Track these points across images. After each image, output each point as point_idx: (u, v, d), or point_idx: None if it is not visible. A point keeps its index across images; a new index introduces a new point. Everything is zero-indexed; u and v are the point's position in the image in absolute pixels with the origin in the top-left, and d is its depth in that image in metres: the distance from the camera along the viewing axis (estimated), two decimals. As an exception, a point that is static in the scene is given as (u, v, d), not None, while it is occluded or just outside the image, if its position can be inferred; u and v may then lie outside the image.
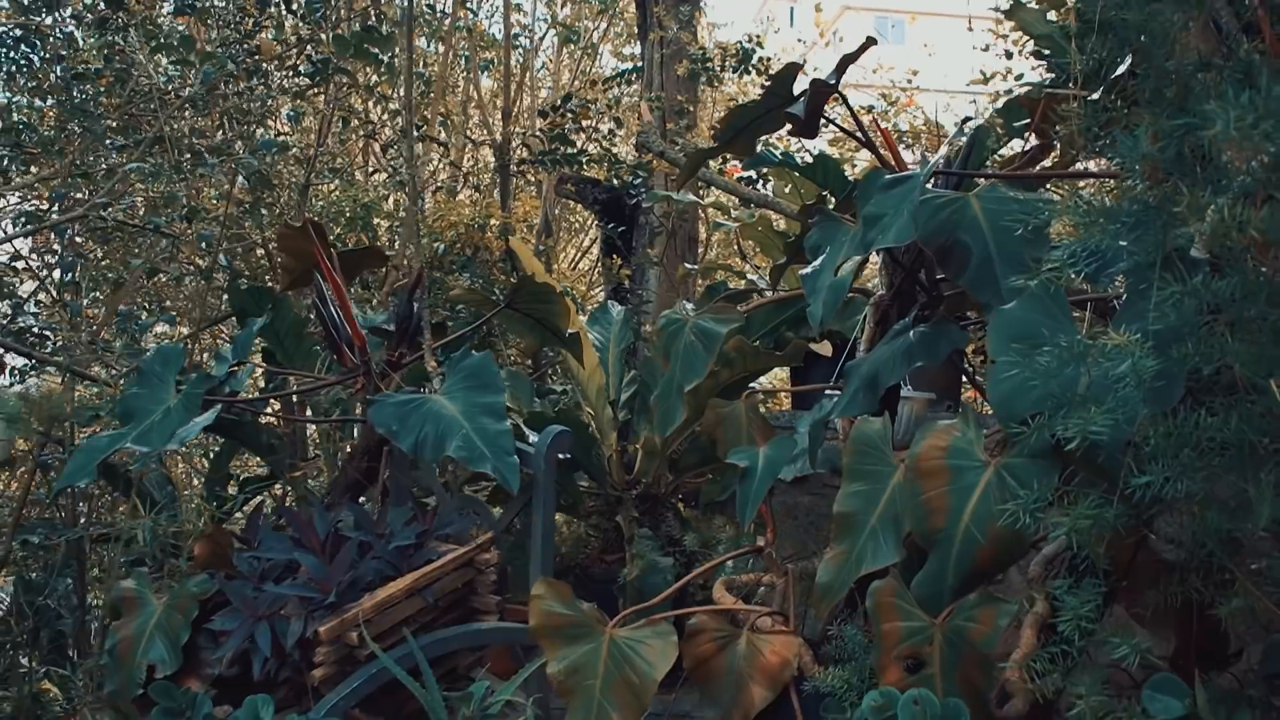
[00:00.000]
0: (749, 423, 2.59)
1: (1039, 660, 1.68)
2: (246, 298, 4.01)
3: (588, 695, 2.06)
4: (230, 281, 4.07)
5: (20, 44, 4.41)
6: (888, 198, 2.14)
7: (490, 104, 6.47)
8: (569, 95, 4.85)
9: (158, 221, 3.85)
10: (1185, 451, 1.44)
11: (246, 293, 4.02)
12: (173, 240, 4.54)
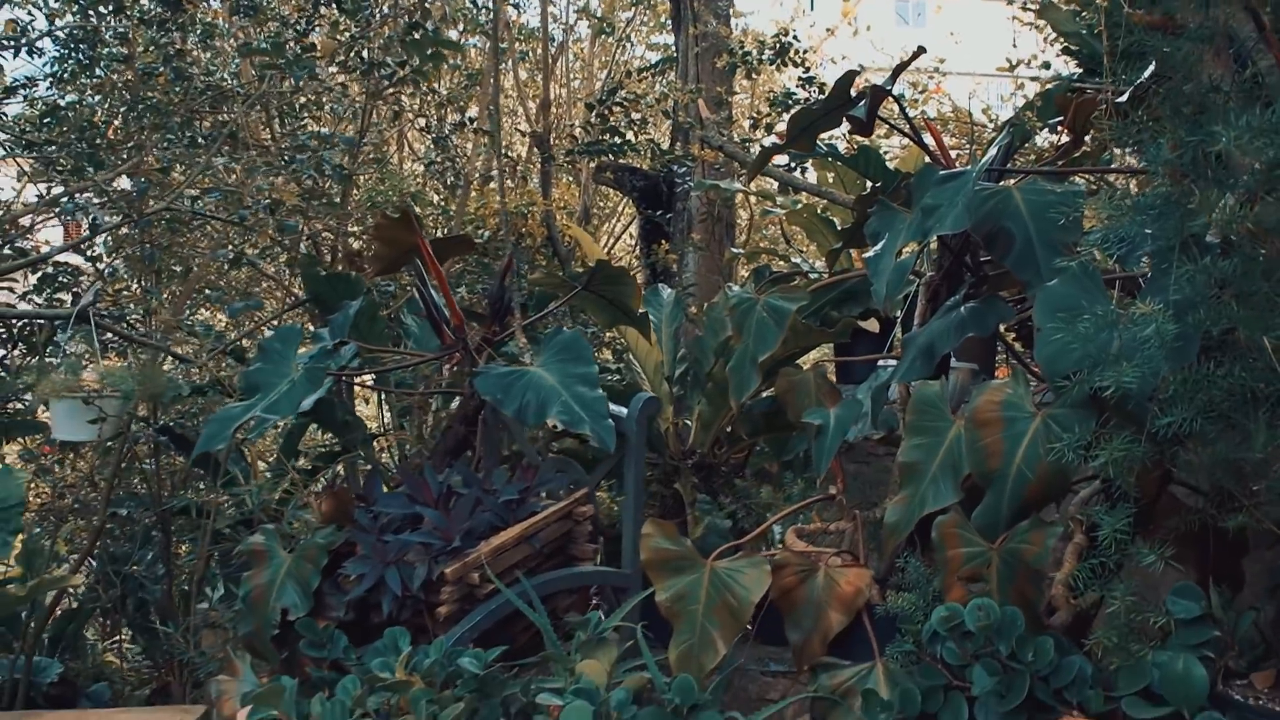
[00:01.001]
0: (818, 388, 3.02)
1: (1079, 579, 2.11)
2: (322, 283, 4.44)
3: (691, 618, 2.50)
4: (306, 268, 4.49)
5: (81, 44, 4.82)
6: (943, 191, 2.56)
7: (529, 95, 6.89)
8: (616, 87, 5.27)
9: (244, 214, 4.28)
10: (1199, 397, 1.86)
11: (323, 279, 4.45)
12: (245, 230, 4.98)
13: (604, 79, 7.12)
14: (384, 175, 5.09)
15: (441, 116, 6.16)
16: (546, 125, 6.50)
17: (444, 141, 5.86)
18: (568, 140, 5.79)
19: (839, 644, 2.55)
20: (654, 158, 5.66)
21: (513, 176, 6.43)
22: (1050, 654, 2.06)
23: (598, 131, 5.31)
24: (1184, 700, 1.94)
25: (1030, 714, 2.08)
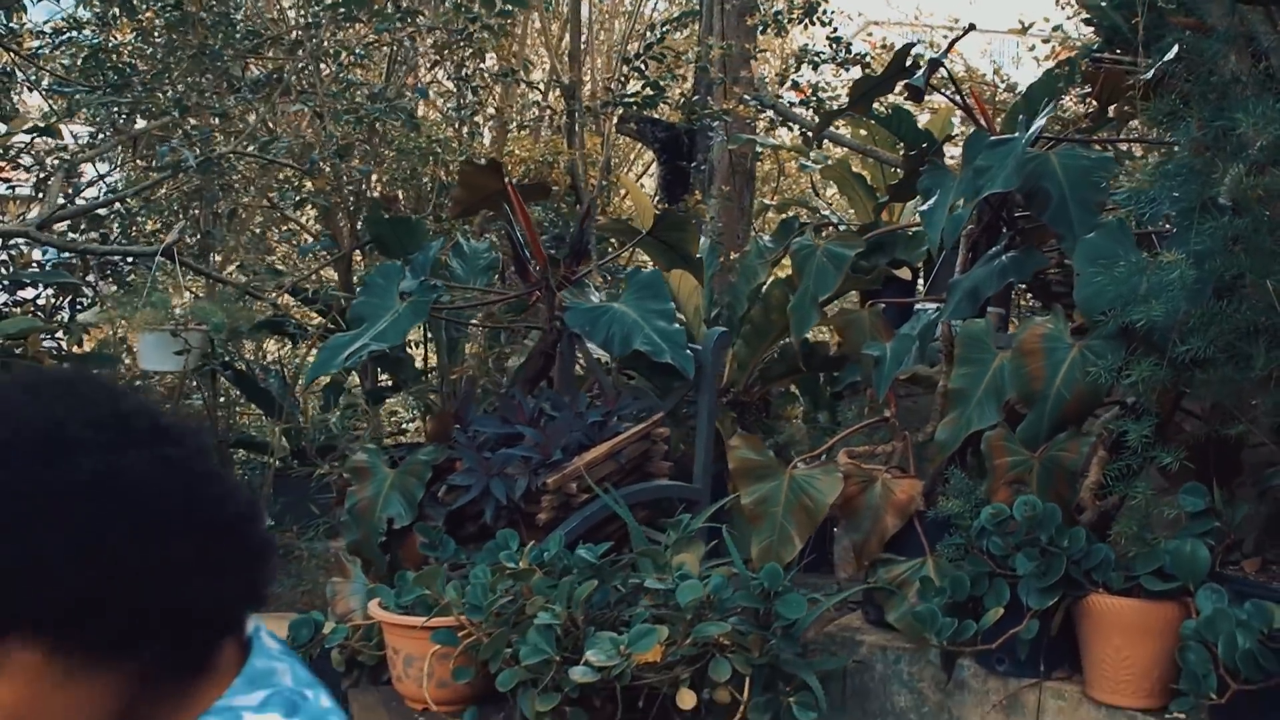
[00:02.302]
0: (872, 325, 3.56)
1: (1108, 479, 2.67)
2: (385, 226, 4.93)
3: (772, 518, 3.05)
4: (371, 211, 4.98)
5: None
6: (994, 154, 3.09)
7: (557, 49, 7.35)
8: (654, 41, 5.74)
9: (315, 158, 4.76)
10: (1212, 329, 2.41)
11: (386, 222, 4.95)
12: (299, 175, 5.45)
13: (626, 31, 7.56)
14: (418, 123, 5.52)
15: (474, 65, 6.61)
16: (576, 76, 6.97)
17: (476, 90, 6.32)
18: (603, 92, 6.26)
19: (893, 545, 3.11)
20: (687, 111, 6.14)
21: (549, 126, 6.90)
22: (1082, 541, 2.62)
23: (634, 84, 5.79)
24: (1190, 576, 2.50)
25: (1065, 591, 2.64)
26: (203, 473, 1.02)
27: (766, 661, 2.75)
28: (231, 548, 1.01)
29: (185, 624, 0.96)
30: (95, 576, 0.88)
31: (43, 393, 0.97)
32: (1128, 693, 2.60)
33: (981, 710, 2.86)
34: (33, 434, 0.90)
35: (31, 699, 0.90)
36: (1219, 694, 2.35)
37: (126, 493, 0.91)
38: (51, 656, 0.89)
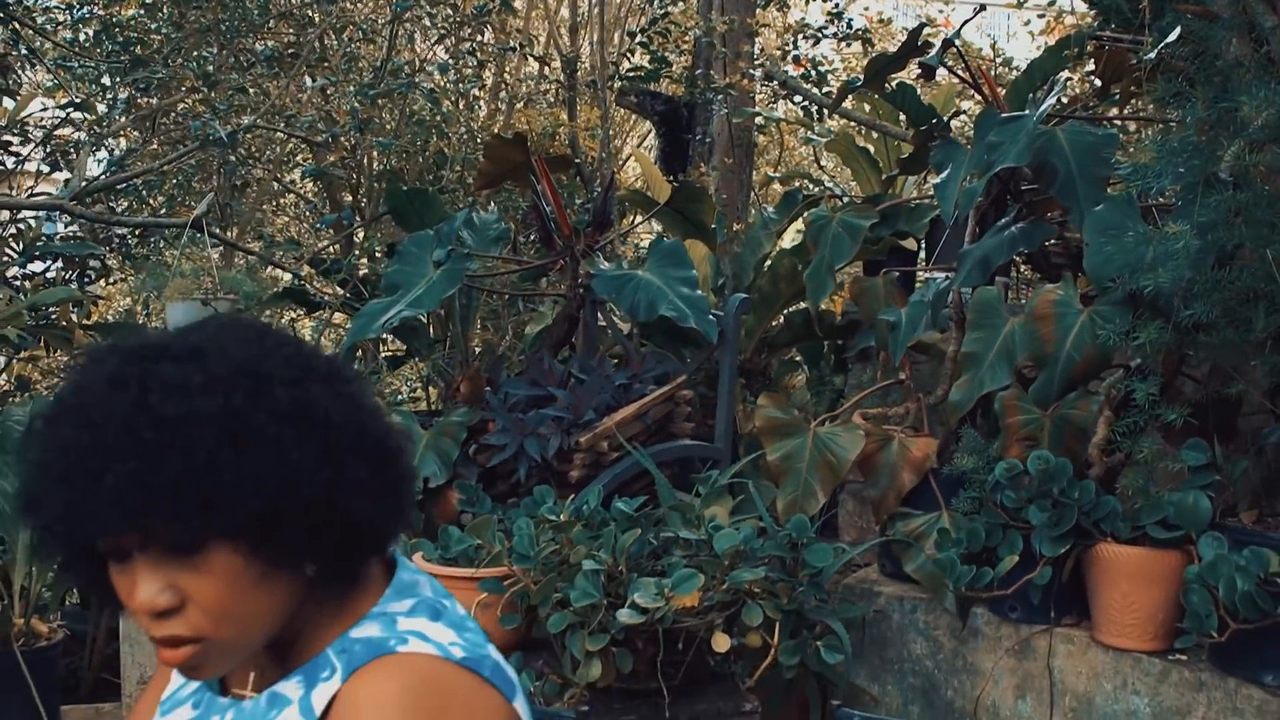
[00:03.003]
0: (886, 292, 3.77)
1: (1116, 435, 2.88)
2: (402, 198, 5.10)
3: (797, 474, 3.25)
4: (389, 184, 5.14)
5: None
6: (1005, 130, 3.29)
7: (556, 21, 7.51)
8: (660, 15, 5.91)
9: (336, 132, 4.91)
10: (1214, 295, 2.62)
11: (404, 193, 5.11)
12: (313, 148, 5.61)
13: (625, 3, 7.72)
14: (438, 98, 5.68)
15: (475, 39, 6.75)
16: (575, 49, 7.13)
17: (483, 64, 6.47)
18: (604, 66, 6.42)
19: (909, 500, 3.32)
20: (689, 85, 6.32)
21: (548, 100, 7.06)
22: (1091, 494, 2.83)
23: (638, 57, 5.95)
24: (1192, 525, 2.72)
25: (1075, 540, 2.86)
26: (369, 407, 1.22)
27: (794, 608, 2.96)
28: (390, 475, 1.21)
29: (352, 538, 1.16)
30: (285, 492, 1.07)
31: (243, 336, 1.16)
32: (1134, 636, 2.82)
33: (994, 655, 3.08)
34: (240, 370, 1.08)
35: (231, 596, 1.09)
36: (1219, 633, 2.57)
37: (314, 421, 1.10)
38: (248, 561, 1.08)
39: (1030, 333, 3.04)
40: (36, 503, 1.07)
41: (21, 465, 1.10)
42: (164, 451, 1.00)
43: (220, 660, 1.12)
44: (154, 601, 1.06)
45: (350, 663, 1.13)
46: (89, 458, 1.01)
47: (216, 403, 1.03)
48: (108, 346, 1.11)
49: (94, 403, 1.04)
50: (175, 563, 1.06)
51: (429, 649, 1.13)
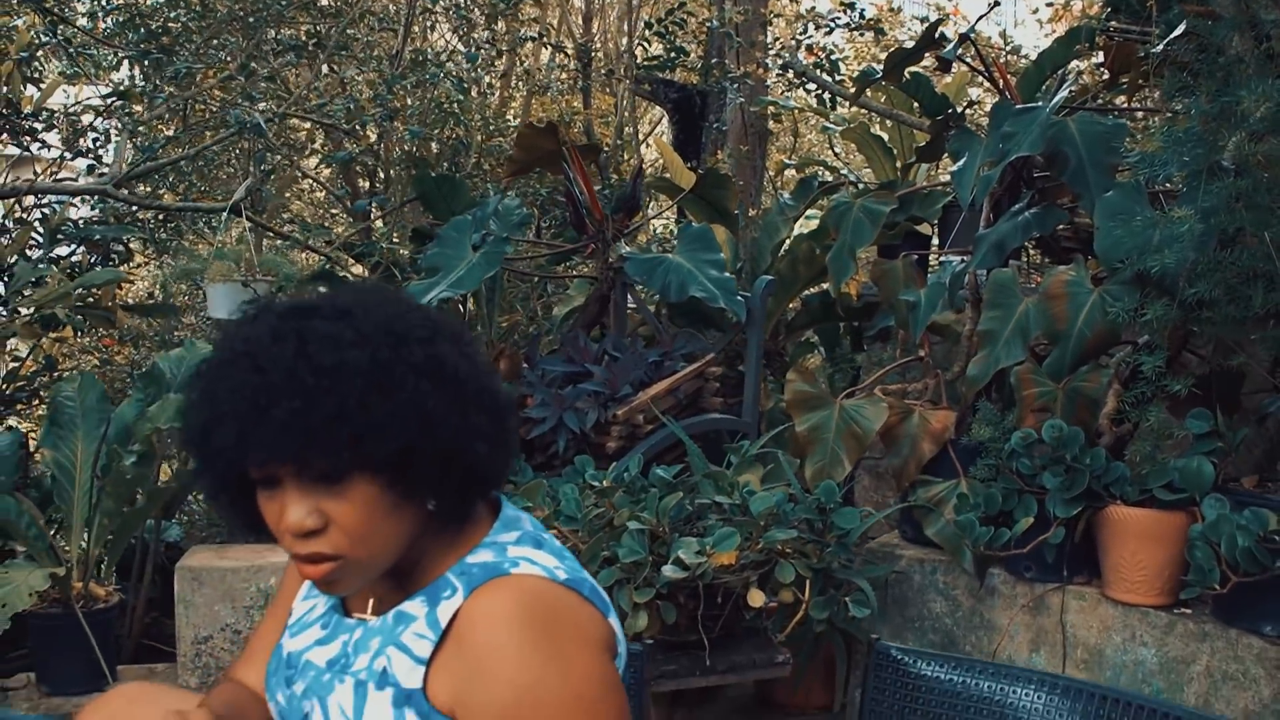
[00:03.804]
0: (905, 274, 4.01)
1: (1125, 405, 3.13)
2: (430, 184, 5.33)
3: (824, 444, 3.50)
4: (419, 170, 5.38)
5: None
6: (1020, 120, 3.53)
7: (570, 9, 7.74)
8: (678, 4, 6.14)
9: (366, 120, 5.14)
10: (1216, 274, 2.87)
11: (432, 180, 5.35)
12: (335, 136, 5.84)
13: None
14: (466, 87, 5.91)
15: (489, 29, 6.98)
16: (590, 38, 7.36)
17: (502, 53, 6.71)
18: (620, 54, 6.65)
19: (929, 469, 3.57)
20: (704, 73, 6.56)
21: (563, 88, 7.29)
22: (1102, 460, 3.08)
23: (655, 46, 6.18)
24: (1196, 488, 2.97)
25: (1086, 503, 3.11)
26: (486, 365, 1.46)
27: (823, 567, 3.21)
28: (503, 425, 1.45)
29: (470, 478, 1.40)
30: (420, 434, 1.30)
31: (381, 300, 1.40)
32: (1141, 592, 3.08)
33: (1010, 613, 3.33)
34: (383, 328, 1.32)
35: (367, 521, 1.32)
36: (1221, 585, 2.83)
37: (444, 375, 1.34)
38: (383, 492, 1.31)
39: (1044, 311, 3.29)
40: (206, 434, 1.29)
41: (189, 405, 1.33)
42: (322, 394, 1.23)
43: (353, 577, 1.36)
44: (302, 523, 1.28)
45: (470, 583, 1.35)
46: (259, 396, 1.23)
47: (365, 355, 1.26)
48: (261, 306, 1.35)
49: (260, 351, 1.26)
50: (321, 490, 1.29)
51: (537, 570, 1.37)
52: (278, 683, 1.48)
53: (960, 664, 2.03)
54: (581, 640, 1.32)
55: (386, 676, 1.33)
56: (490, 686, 1.27)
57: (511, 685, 1.26)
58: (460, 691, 1.29)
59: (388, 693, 1.33)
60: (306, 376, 1.23)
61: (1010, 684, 1.97)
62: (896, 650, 2.07)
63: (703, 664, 3.09)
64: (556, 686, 1.27)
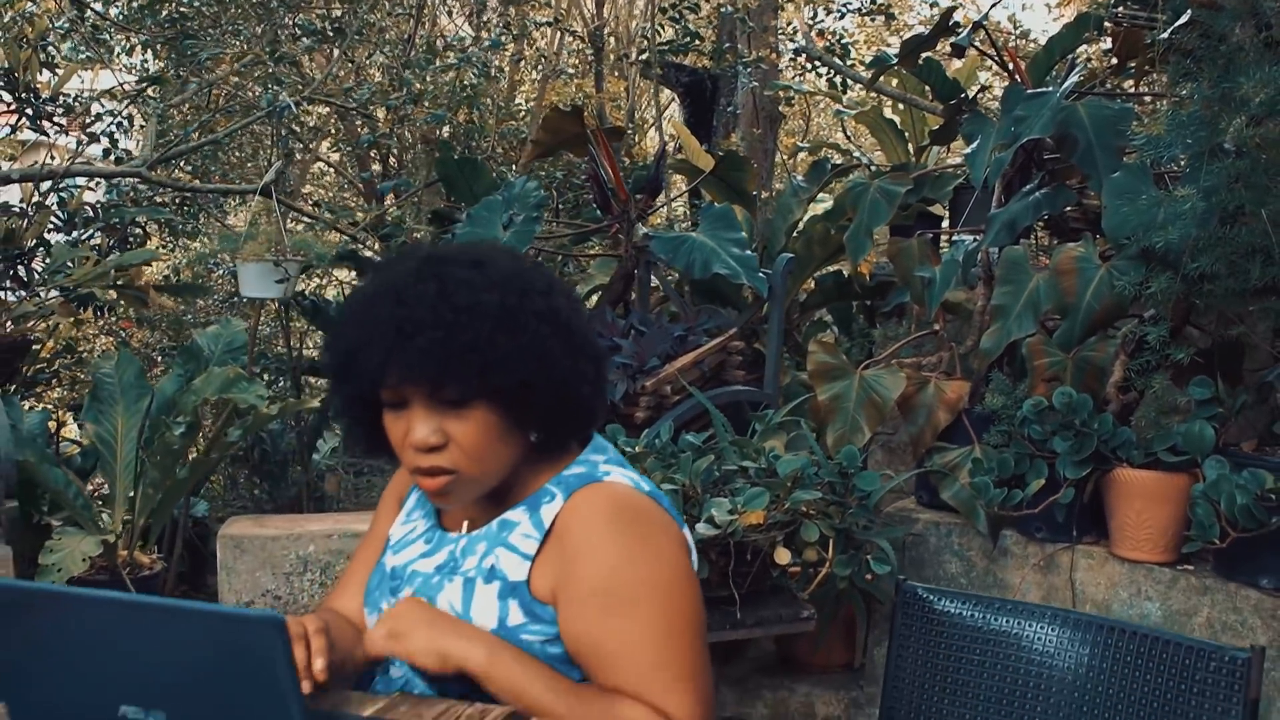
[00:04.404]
0: (920, 252, 4.25)
1: (1131, 373, 3.37)
2: (452, 166, 5.56)
3: (845, 412, 3.74)
4: (442, 152, 5.61)
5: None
6: (1031, 104, 3.76)
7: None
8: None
9: (391, 103, 5.37)
10: (1217, 250, 3.10)
11: (454, 162, 5.57)
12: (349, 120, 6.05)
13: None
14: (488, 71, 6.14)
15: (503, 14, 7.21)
16: (602, 22, 7.58)
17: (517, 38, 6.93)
18: (641, 39, 6.88)
19: (944, 437, 3.80)
20: (717, 58, 6.79)
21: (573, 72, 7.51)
22: (1109, 424, 3.32)
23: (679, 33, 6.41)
24: (1198, 450, 3.21)
25: (1095, 465, 3.35)
26: (590, 319, 1.71)
27: (845, 528, 3.45)
28: (602, 372, 1.70)
29: (572, 415, 1.65)
30: (536, 371, 1.55)
31: (507, 255, 1.65)
32: (1146, 549, 3.32)
33: (1022, 572, 3.57)
34: (509, 278, 1.56)
35: (483, 442, 1.57)
36: (1221, 540, 3.06)
37: (559, 323, 1.59)
38: (499, 419, 1.57)
39: (1054, 286, 3.53)
40: (353, 356, 1.54)
41: (338, 332, 1.59)
42: (458, 329, 1.48)
43: (464, 491, 1.61)
44: (427, 439, 1.53)
45: (567, 489, 1.61)
46: (404, 326, 1.49)
47: (495, 299, 1.51)
48: (404, 253, 1.61)
49: (407, 289, 1.52)
50: (446, 412, 1.54)
51: (625, 480, 1.62)
52: (381, 595, 1.73)
53: (980, 601, 2.25)
54: (665, 535, 1.58)
55: (495, 572, 1.58)
56: (587, 567, 1.53)
57: (606, 565, 1.52)
58: (560, 577, 1.55)
59: (494, 586, 1.58)
60: (446, 313, 1.48)
61: (1026, 620, 2.19)
62: (922, 589, 2.29)
63: (733, 618, 3.33)
64: (644, 568, 1.52)
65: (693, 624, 1.55)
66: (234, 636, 1.21)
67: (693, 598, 1.57)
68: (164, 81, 5.35)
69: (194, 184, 5.46)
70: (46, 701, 1.29)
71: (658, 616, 1.50)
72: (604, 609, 1.50)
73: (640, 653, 1.48)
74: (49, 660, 1.27)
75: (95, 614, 1.26)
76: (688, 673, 1.49)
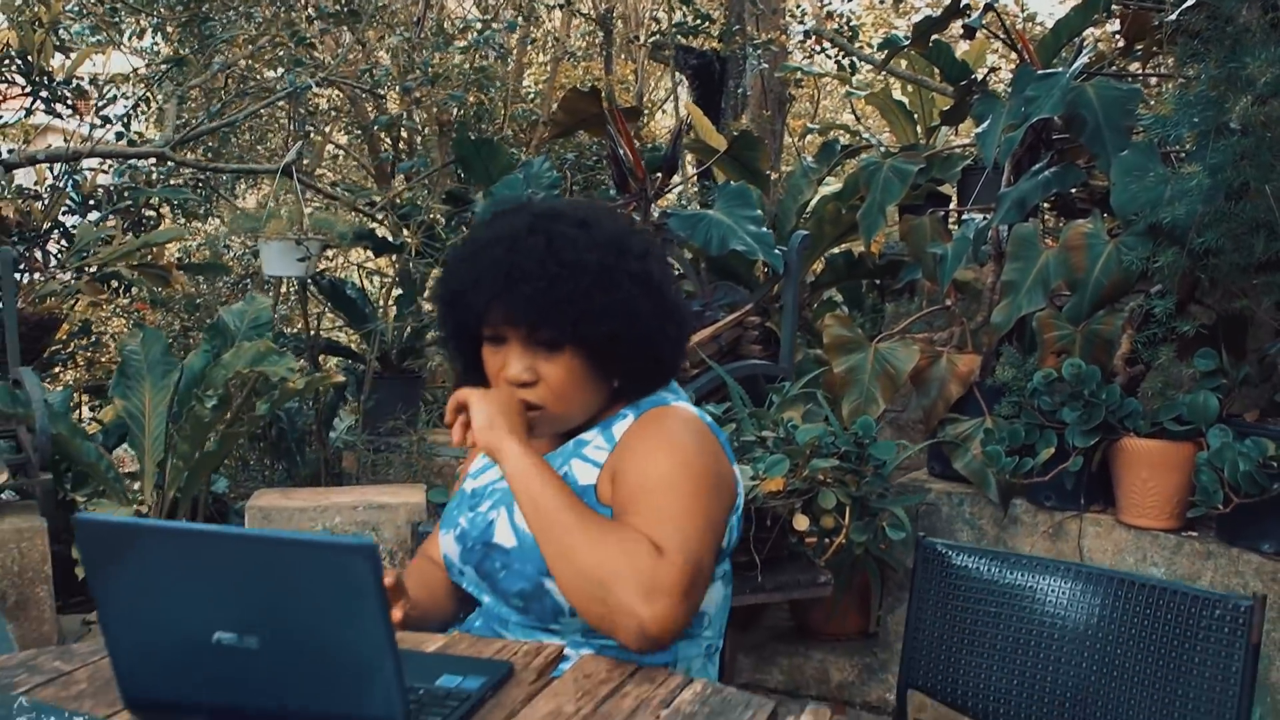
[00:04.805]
0: (933, 230, 4.37)
1: (1139, 346, 3.50)
2: (469, 147, 5.68)
3: (860, 383, 3.87)
4: (459, 132, 5.73)
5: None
6: (1041, 85, 3.88)
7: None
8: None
9: (408, 85, 5.48)
10: (1222, 225, 3.23)
11: (471, 143, 5.69)
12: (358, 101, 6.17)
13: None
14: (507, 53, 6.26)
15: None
16: (611, 4, 7.68)
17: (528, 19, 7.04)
18: (651, 22, 6.99)
19: (956, 409, 3.93)
20: (727, 40, 6.90)
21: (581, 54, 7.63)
22: (1117, 395, 3.45)
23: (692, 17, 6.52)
24: (1202, 420, 3.33)
25: (1102, 435, 3.47)
26: (677, 280, 1.85)
27: (861, 495, 3.58)
28: (684, 333, 1.85)
29: (652, 369, 1.79)
30: (625, 326, 1.68)
31: (610, 218, 1.80)
32: (1152, 516, 3.45)
33: (1032, 539, 3.70)
34: (610, 240, 1.70)
35: (569, 384, 1.72)
36: (1224, 506, 3.20)
37: (650, 285, 1.73)
38: (586, 365, 1.71)
39: (1063, 261, 3.65)
40: (463, 294, 1.71)
41: (450, 272, 1.77)
42: (560, 281, 1.63)
43: (547, 426, 1.76)
44: (520, 375, 1.70)
45: (638, 410, 1.77)
46: (513, 272, 1.64)
47: (595, 258, 1.66)
48: (514, 207, 1.75)
49: (518, 240, 1.68)
50: (539, 353, 1.70)
51: (693, 409, 1.76)
52: (459, 513, 1.89)
53: (995, 556, 2.38)
54: (715, 450, 1.73)
55: (567, 477, 1.74)
56: (639, 455, 1.69)
57: (656, 454, 1.67)
58: (616, 467, 1.69)
59: None
60: (551, 265, 1.64)
61: (1039, 573, 2.32)
62: (941, 545, 2.42)
63: (754, 582, 3.46)
64: (690, 463, 1.65)
65: (714, 524, 1.65)
66: (327, 564, 1.29)
67: (722, 506, 1.69)
68: (186, 64, 5.46)
69: (216, 164, 5.57)
70: (144, 630, 1.38)
71: (687, 498, 1.61)
72: (643, 486, 1.63)
73: (660, 513, 1.60)
74: (148, 591, 1.36)
75: (193, 546, 1.35)
76: (693, 546, 1.57)
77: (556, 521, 1.59)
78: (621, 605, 1.51)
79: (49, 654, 1.64)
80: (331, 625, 1.30)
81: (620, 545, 1.55)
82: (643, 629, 1.50)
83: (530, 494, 1.62)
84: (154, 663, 1.39)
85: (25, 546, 4.10)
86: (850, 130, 6.70)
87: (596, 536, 1.56)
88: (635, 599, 1.50)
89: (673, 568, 1.53)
